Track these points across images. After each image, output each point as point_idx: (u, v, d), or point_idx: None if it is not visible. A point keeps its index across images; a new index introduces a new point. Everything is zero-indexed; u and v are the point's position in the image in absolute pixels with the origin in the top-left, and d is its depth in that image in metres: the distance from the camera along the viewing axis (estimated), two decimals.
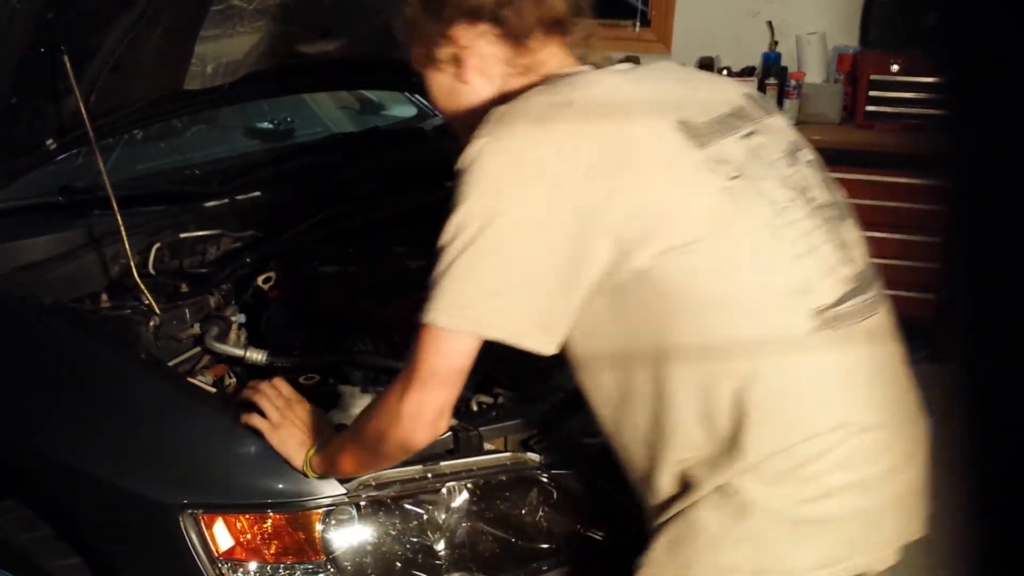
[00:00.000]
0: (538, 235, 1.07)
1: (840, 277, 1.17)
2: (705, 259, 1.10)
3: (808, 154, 1.27)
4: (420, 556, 1.37)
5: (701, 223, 1.11)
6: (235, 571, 1.33)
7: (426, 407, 1.13)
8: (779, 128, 1.27)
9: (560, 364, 1.21)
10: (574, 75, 1.21)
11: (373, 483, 1.33)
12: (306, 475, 1.30)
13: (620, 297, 1.11)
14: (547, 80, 1.21)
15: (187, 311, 1.66)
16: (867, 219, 4.06)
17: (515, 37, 1.21)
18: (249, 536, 1.33)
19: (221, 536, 1.33)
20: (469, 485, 1.40)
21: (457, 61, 1.23)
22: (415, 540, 1.37)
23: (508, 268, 1.07)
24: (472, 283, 1.08)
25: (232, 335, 1.71)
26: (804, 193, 1.19)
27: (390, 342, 1.72)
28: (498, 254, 1.07)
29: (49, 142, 1.74)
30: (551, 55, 1.23)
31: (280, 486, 1.32)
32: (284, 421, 1.32)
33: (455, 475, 1.39)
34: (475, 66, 1.23)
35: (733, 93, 1.27)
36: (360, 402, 1.51)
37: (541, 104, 1.13)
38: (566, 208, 1.06)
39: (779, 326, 1.13)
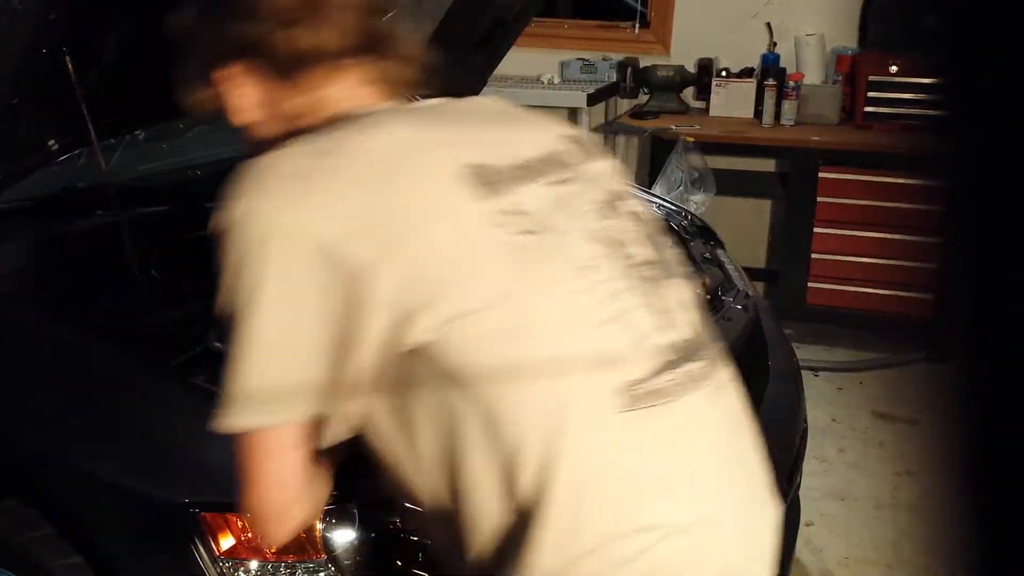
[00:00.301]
0: (307, 307, 0.94)
1: (655, 346, 1.01)
2: (492, 329, 0.95)
3: (633, 205, 1.13)
4: (420, 555, 1.37)
5: (486, 287, 0.96)
6: (236, 570, 1.33)
7: (265, 509, 1.02)
8: (600, 175, 1.12)
9: None
10: (359, 117, 1.05)
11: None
12: None
13: (408, 368, 0.97)
14: (333, 121, 1.05)
15: (190, 311, 1.66)
16: (867, 219, 4.06)
17: (286, 73, 1.06)
18: (250, 535, 1.34)
19: (223, 535, 1.33)
20: None
21: (233, 101, 1.11)
22: (415, 539, 1.38)
23: (285, 347, 0.96)
24: (254, 373, 0.96)
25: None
26: (618, 249, 1.04)
27: None
28: (271, 335, 0.95)
29: (51, 142, 1.74)
30: (342, 90, 1.08)
31: None
32: None
33: None
34: (253, 105, 1.10)
35: (550, 136, 1.13)
36: None
37: (304, 155, 0.98)
38: (332, 275, 0.94)
39: (578, 406, 0.96)
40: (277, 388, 0.97)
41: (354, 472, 1.13)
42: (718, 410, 1.06)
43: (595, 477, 0.96)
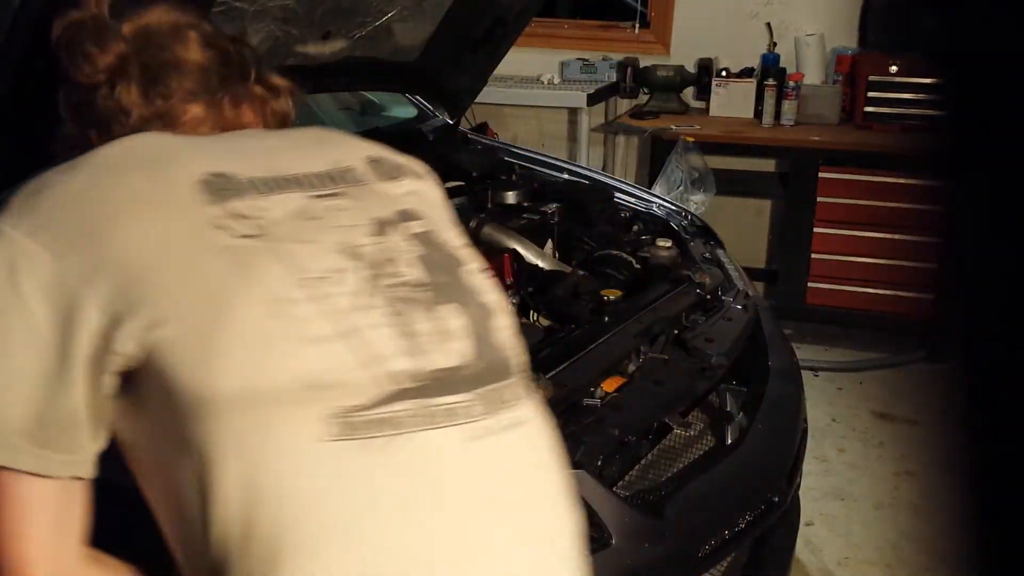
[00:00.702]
0: (24, 328, 0.88)
1: (390, 371, 0.90)
2: (188, 339, 0.87)
3: (427, 226, 1.03)
4: None
5: (187, 291, 0.88)
6: None
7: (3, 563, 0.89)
8: (396, 195, 1.05)
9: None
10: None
11: None
12: None
13: (130, 388, 0.90)
14: None
15: None
16: (867, 219, 4.06)
17: (117, 128, 1.07)
18: None
19: None
20: None
21: None
22: None
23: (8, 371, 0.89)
24: None
25: None
26: (379, 267, 0.95)
27: None
28: None
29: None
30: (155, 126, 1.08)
31: None
32: None
33: None
34: None
35: (349, 155, 1.07)
36: None
37: (50, 172, 0.96)
38: (46, 288, 0.88)
39: (278, 432, 0.85)
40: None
41: None
42: (482, 453, 0.92)
43: (294, 522, 0.84)
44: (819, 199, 3.67)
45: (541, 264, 2.13)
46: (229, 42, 1.14)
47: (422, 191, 1.09)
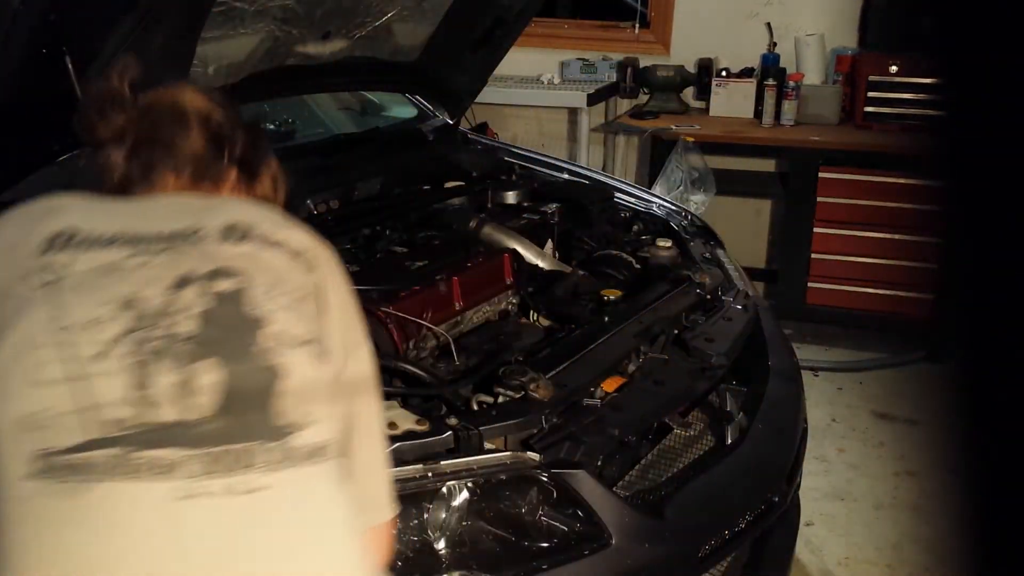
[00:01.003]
0: None
1: (103, 418, 0.91)
2: None
3: (235, 284, 1.01)
4: (420, 555, 1.37)
5: None
6: None
7: None
8: (229, 255, 1.03)
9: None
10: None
11: None
12: None
13: None
14: None
15: None
16: (867, 219, 4.04)
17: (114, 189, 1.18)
18: None
19: None
20: (469, 484, 1.41)
21: None
22: (415, 539, 1.38)
23: None
24: None
25: None
26: (146, 319, 0.96)
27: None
28: None
29: (53, 143, 1.74)
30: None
31: None
32: None
33: (455, 474, 1.39)
34: None
35: (212, 219, 1.06)
36: None
37: None
38: None
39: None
40: None
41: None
42: (192, 513, 0.90)
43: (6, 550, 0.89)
44: (819, 199, 3.67)
45: (541, 264, 2.14)
46: (239, 130, 1.20)
47: (260, 256, 1.05)
